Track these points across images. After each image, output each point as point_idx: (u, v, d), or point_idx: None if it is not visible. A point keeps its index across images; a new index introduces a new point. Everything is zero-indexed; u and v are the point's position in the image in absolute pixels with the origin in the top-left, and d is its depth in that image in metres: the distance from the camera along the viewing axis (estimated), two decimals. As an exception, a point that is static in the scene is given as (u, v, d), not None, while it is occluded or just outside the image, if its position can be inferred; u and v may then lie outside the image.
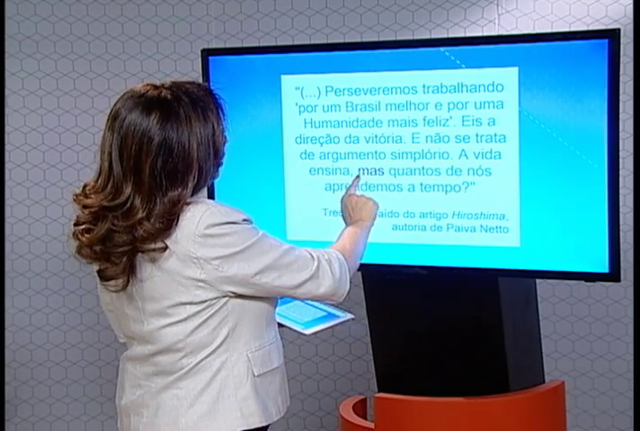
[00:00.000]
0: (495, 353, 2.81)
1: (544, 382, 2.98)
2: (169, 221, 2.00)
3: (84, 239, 2.05)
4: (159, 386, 2.11)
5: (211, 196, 2.88)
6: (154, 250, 2.01)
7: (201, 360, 2.08)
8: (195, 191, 2.08)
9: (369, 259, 2.82)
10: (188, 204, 2.03)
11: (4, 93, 3.97)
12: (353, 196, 2.55)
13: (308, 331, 2.39)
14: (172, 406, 2.10)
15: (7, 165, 4.01)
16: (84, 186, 2.09)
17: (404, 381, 2.92)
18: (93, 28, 3.95)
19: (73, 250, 2.10)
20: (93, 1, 3.95)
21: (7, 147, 4.00)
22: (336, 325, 2.50)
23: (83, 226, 2.05)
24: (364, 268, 2.91)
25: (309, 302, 2.46)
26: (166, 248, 2.01)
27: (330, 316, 2.49)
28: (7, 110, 3.98)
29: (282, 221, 2.88)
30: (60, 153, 4.00)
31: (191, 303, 2.05)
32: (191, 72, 3.81)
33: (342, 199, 2.55)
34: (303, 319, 2.43)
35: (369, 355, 3.39)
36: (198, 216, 2.01)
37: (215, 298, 2.06)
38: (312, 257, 2.15)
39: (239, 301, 2.09)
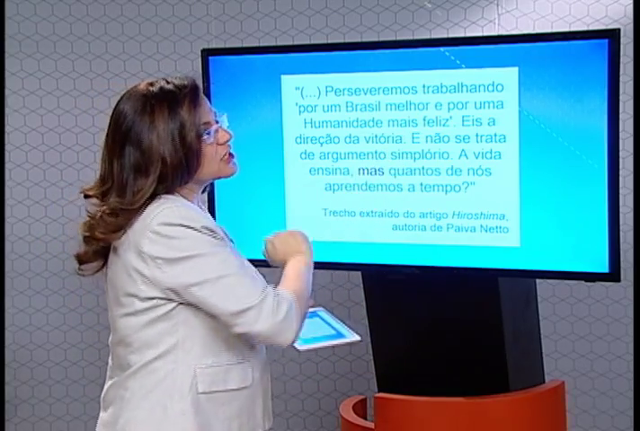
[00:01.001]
0: (495, 353, 2.81)
1: (544, 382, 2.98)
2: (129, 212, 2.01)
3: (81, 231, 2.10)
4: (116, 381, 2.12)
5: (212, 195, 2.89)
6: (112, 237, 2.04)
7: (148, 362, 2.05)
8: (164, 185, 2.03)
9: (370, 259, 2.83)
10: (159, 198, 2.03)
11: (4, 93, 3.97)
12: (271, 237, 2.25)
13: (302, 348, 2.33)
14: (117, 406, 2.10)
15: (7, 165, 4.00)
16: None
17: (404, 381, 2.92)
18: (93, 28, 3.95)
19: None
20: (93, 1, 3.95)
21: (7, 147, 4.00)
22: (338, 345, 2.45)
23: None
24: (364, 268, 2.91)
25: (325, 319, 2.41)
26: (124, 233, 2.03)
27: (337, 336, 2.44)
28: (7, 110, 3.98)
29: (282, 221, 2.88)
30: (60, 154, 4.00)
31: (137, 297, 2.04)
32: (190, 72, 3.79)
33: (264, 247, 2.26)
34: (307, 335, 2.37)
35: (369, 355, 3.39)
36: (156, 211, 2.00)
37: (161, 298, 2.02)
38: (261, 290, 1.99)
39: (191, 313, 2.04)
